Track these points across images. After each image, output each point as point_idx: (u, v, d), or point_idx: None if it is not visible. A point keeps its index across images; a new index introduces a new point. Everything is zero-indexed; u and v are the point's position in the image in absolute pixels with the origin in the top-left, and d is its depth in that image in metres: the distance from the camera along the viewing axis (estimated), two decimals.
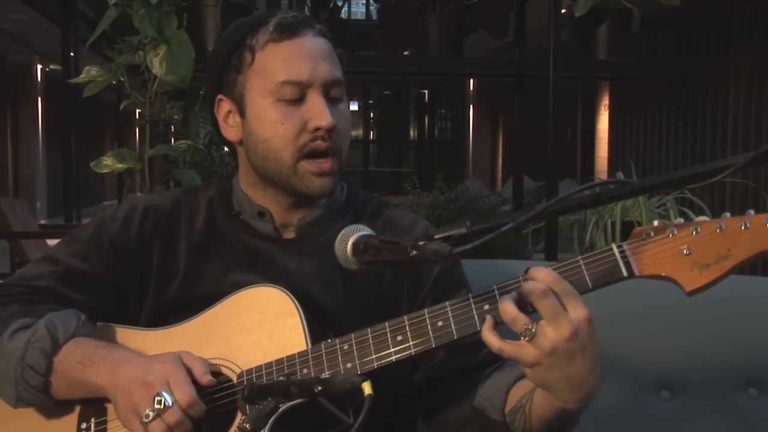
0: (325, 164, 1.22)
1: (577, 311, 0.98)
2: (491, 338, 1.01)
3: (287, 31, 1.21)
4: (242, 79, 1.23)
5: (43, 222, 10.01)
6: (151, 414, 1.05)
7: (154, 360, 1.12)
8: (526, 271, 1.01)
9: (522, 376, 1.15)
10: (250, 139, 1.24)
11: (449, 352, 1.22)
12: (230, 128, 1.28)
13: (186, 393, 1.07)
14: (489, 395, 1.20)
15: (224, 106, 1.27)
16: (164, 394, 1.06)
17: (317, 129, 1.20)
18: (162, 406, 1.05)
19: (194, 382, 1.10)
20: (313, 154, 1.21)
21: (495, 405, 1.18)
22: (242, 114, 1.25)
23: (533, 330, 0.97)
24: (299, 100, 1.21)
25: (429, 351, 1.08)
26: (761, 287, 1.66)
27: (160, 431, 1.06)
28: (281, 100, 1.20)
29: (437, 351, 1.14)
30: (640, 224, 1.04)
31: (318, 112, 1.20)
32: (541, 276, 0.98)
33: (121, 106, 2.72)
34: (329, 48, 1.25)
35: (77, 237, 1.31)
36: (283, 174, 1.23)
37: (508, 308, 0.98)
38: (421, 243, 0.99)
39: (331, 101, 1.23)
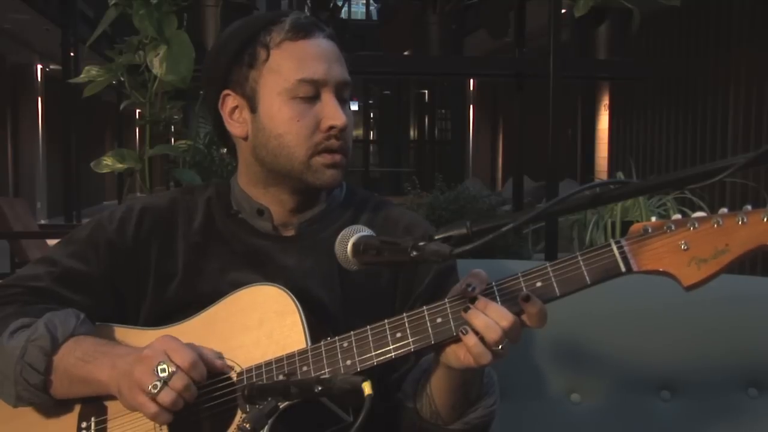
0: (337, 157, 1.24)
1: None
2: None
3: (303, 31, 1.24)
4: (255, 74, 1.24)
5: (43, 222, 10.01)
6: (159, 384, 1.06)
7: (151, 342, 1.13)
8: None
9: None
10: (261, 134, 1.25)
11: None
12: (236, 123, 1.28)
13: (185, 355, 1.08)
14: (405, 384, 1.23)
15: (230, 101, 1.27)
16: (164, 362, 1.07)
17: (331, 128, 1.22)
18: (167, 374, 1.06)
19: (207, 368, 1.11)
20: (326, 151, 1.23)
21: (408, 393, 1.21)
22: (253, 110, 1.25)
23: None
24: (313, 98, 1.23)
25: (428, 348, 1.08)
26: (761, 287, 1.66)
27: (170, 399, 1.06)
28: (296, 98, 1.22)
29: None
30: None
31: (332, 112, 1.22)
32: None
33: (121, 106, 2.72)
34: (338, 51, 1.27)
35: (74, 238, 1.32)
36: (295, 169, 1.24)
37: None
38: (421, 244, 0.99)
39: (341, 101, 1.25)
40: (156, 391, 1.06)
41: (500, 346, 1.02)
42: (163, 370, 1.06)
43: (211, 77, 1.29)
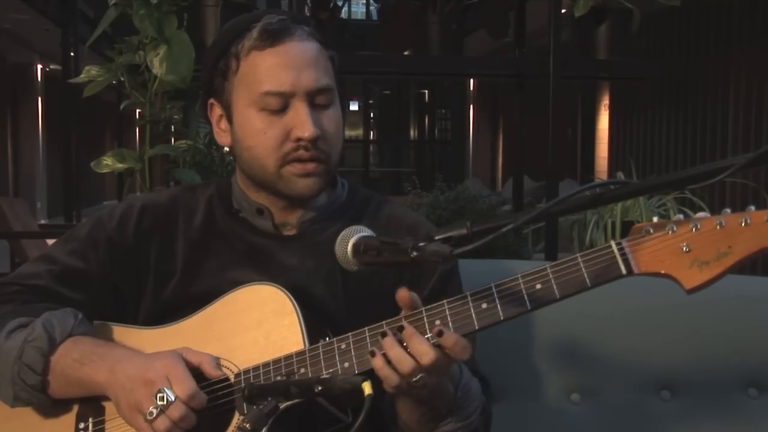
0: (310, 166, 1.21)
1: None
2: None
3: (271, 38, 1.20)
4: (229, 86, 1.24)
5: (43, 222, 10.00)
6: (155, 411, 1.06)
7: (154, 357, 1.13)
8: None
9: None
10: (237, 145, 1.26)
11: None
12: (222, 132, 1.29)
13: (186, 386, 1.08)
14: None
15: (216, 110, 1.29)
16: (165, 390, 1.07)
17: (299, 139, 1.20)
18: (165, 402, 1.06)
19: (202, 376, 1.12)
20: (296, 161, 1.21)
21: (387, 401, 1.20)
22: (230, 120, 1.26)
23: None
24: (283, 109, 1.20)
25: None
26: (761, 287, 1.66)
27: (165, 427, 1.06)
28: (265, 110, 1.20)
29: None
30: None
31: (300, 123, 1.19)
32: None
33: (121, 106, 2.71)
34: (316, 52, 1.22)
35: (74, 236, 1.31)
36: (268, 180, 1.23)
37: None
38: (421, 244, 0.99)
39: (318, 108, 1.22)
40: (152, 418, 1.06)
41: (415, 379, 1.02)
42: (162, 398, 1.07)
43: (202, 82, 1.31)
